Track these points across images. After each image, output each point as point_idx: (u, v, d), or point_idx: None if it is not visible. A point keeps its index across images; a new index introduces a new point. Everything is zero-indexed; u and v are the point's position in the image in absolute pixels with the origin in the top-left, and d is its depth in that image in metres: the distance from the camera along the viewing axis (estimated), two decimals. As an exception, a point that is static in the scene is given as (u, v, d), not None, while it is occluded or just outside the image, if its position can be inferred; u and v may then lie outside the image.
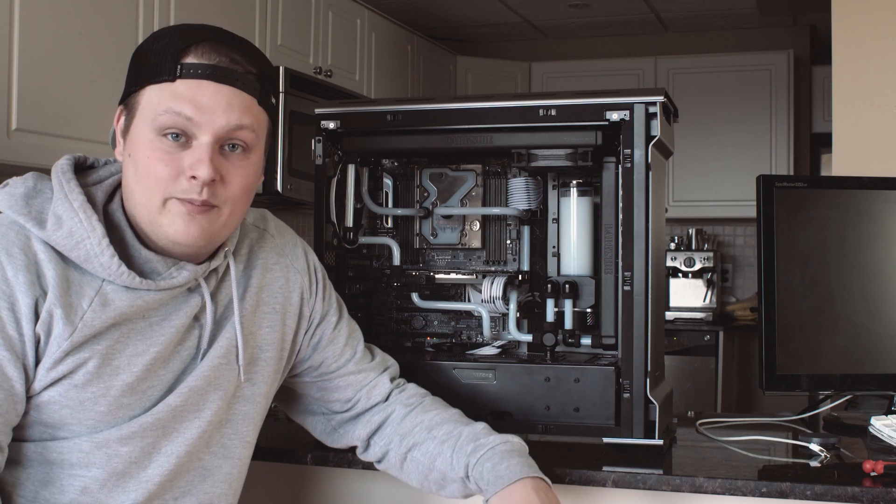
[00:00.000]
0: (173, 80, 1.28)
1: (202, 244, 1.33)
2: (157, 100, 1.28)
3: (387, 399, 1.58)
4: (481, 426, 1.50)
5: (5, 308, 1.22)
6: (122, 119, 1.34)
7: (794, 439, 1.80)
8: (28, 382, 1.25)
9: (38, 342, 1.25)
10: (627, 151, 1.63)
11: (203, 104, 1.28)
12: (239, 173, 1.33)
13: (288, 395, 1.62)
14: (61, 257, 1.27)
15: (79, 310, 1.26)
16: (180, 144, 1.28)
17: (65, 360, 1.26)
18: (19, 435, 1.29)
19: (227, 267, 1.43)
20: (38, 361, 1.25)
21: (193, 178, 1.28)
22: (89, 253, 1.26)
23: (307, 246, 1.58)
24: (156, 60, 1.29)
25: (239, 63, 1.31)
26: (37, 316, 1.24)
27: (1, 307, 1.22)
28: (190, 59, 1.29)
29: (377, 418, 1.56)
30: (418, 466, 1.50)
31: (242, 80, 1.31)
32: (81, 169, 1.37)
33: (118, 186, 1.36)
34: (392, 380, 1.60)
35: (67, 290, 1.25)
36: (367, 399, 1.57)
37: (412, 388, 1.60)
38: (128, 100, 1.32)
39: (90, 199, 1.30)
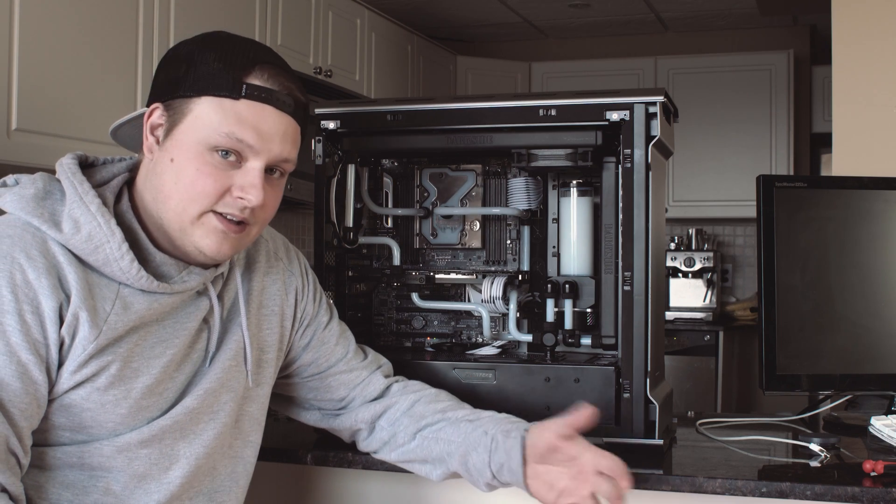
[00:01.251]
0: (237, 99, 1.28)
1: (229, 258, 1.37)
2: (217, 117, 1.28)
3: (384, 394, 1.58)
4: (492, 412, 1.54)
5: (30, 312, 1.21)
6: (162, 118, 1.31)
7: (794, 439, 1.80)
8: (50, 385, 1.25)
9: (61, 345, 1.24)
10: (627, 151, 1.62)
11: (264, 131, 1.29)
12: (275, 195, 1.36)
13: (281, 397, 1.62)
14: (79, 260, 1.26)
15: (102, 313, 1.26)
16: (230, 162, 1.29)
17: (89, 363, 1.26)
18: (40, 439, 1.28)
19: (229, 270, 1.44)
20: (60, 364, 1.25)
21: (241, 198, 1.29)
22: (108, 257, 1.26)
23: (297, 250, 1.60)
24: (216, 72, 1.28)
25: (293, 93, 1.33)
26: (61, 319, 1.23)
27: (25, 311, 1.21)
28: (254, 81, 1.30)
29: (381, 406, 1.56)
30: (437, 443, 1.50)
31: (295, 110, 1.33)
32: (83, 168, 1.36)
33: (123, 187, 1.35)
34: (386, 377, 1.61)
35: (90, 293, 1.25)
36: (362, 396, 1.58)
37: (417, 384, 1.61)
38: (173, 101, 1.30)
39: (103, 202, 1.30)
